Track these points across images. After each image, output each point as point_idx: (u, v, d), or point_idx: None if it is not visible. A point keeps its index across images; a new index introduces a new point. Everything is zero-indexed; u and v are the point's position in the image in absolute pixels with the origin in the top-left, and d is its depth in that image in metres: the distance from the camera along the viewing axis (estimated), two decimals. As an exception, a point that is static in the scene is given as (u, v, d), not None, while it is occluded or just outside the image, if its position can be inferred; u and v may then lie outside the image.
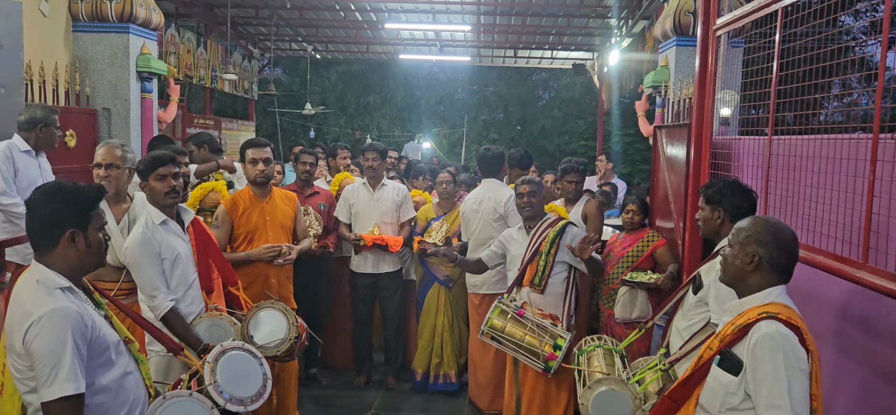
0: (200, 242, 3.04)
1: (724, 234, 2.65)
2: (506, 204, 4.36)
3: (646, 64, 8.42)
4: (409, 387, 4.91)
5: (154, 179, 2.85)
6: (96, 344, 1.88)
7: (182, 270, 2.88)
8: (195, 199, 3.92)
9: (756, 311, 1.92)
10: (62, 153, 4.96)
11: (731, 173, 3.85)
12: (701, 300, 2.64)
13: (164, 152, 2.94)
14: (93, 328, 1.87)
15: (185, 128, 9.11)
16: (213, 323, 2.93)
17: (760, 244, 1.96)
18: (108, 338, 1.95)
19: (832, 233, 2.70)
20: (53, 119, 3.89)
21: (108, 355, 1.93)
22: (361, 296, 4.83)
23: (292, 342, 2.99)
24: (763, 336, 1.85)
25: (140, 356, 2.13)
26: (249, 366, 2.44)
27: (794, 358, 1.82)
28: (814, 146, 2.85)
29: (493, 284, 4.29)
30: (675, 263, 4.19)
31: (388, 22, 10.67)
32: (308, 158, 4.75)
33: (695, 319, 2.66)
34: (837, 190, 2.69)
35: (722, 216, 2.67)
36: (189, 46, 9.09)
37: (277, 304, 3.06)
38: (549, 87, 20.35)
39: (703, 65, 3.80)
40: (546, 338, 3.25)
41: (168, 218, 2.89)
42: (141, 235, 2.78)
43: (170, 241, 2.86)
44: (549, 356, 3.20)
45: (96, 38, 5.67)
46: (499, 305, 3.44)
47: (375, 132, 18.87)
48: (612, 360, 2.88)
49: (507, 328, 3.34)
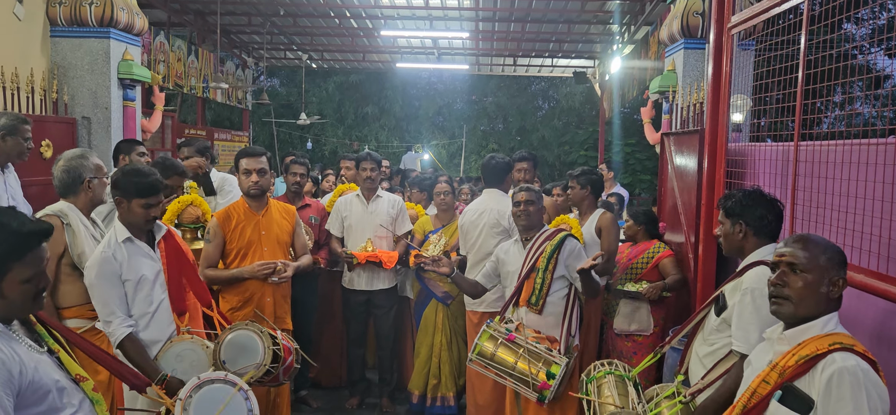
0: (172, 260, 2.78)
1: (748, 250, 2.39)
2: (510, 217, 4.08)
3: (649, 71, 8.20)
4: (405, 409, 4.69)
5: (138, 204, 2.60)
6: (30, 391, 1.62)
7: (147, 293, 2.63)
8: (173, 213, 3.65)
9: (825, 340, 1.67)
10: (38, 164, 4.71)
11: (745, 183, 3.61)
12: (725, 322, 2.38)
13: (158, 180, 2.68)
14: (22, 375, 1.60)
15: (175, 139, 8.86)
16: (184, 348, 2.68)
17: (841, 267, 1.75)
18: (48, 380, 1.68)
19: (866, 246, 2.45)
20: (21, 128, 3.61)
21: (49, 400, 1.67)
22: (355, 314, 4.61)
23: (269, 368, 2.72)
24: (841, 371, 1.60)
25: (95, 396, 1.86)
26: (231, 399, 2.19)
27: (878, 398, 1.59)
28: (844, 152, 2.60)
29: (493, 301, 4.01)
30: (676, 276, 3.98)
31: (385, 29, 10.48)
32: (299, 169, 4.56)
33: (718, 343, 2.39)
34: (871, 199, 2.44)
35: (744, 230, 2.40)
36: (179, 55, 8.86)
37: (252, 326, 2.80)
38: (548, 96, 20.16)
39: (717, 66, 3.56)
40: (539, 365, 2.99)
41: (133, 236, 2.64)
42: (100, 255, 2.54)
43: (134, 261, 2.61)
44: (541, 386, 2.93)
45: (75, 43, 5.42)
46: (487, 330, 3.18)
47: (374, 143, 18.69)
48: (625, 389, 2.60)
49: (498, 354, 3.08)
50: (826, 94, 2.68)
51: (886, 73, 5.20)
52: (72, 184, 3.05)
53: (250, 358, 2.68)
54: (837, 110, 2.67)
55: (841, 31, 2.65)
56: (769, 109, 3.25)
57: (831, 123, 2.74)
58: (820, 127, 2.82)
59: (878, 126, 2.61)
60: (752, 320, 2.20)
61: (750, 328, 2.21)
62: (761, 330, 2.08)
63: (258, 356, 2.69)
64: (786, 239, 1.89)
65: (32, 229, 1.63)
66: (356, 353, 4.74)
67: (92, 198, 3.07)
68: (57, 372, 1.74)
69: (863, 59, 2.51)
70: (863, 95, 2.80)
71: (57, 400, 1.70)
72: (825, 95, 2.69)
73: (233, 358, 2.67)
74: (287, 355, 2.86)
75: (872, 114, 2.77)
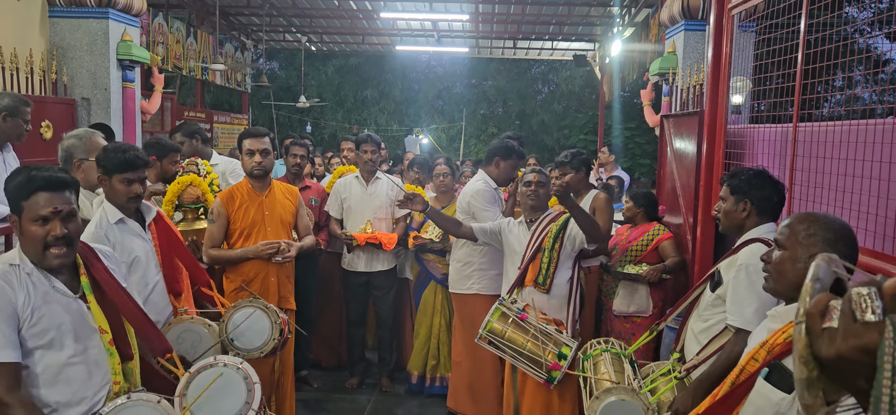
0: (164, 241, 2.76)
1: (747, 228, 2.41)
2: (471, 199, 4.00)
3: (650, 54, 8.17)
4: (405, 389, 4.73)
5: (119, 180, 2.58)
6: (34, 323, 1.87)
7: (141, 274, 2.62)
8: (173, 194, 3.65)
9: None
10: (38, 145, 4.72)
11: (745, 164, 3.62)
12: (719, 297, 2.40)
13: (138, 155, 2.64)
14: (26, 306, 1.86)
15: (175, 121, 8.84)
16: (184, 329, 2.67)
17: (828, 243, 1.70)
18: (57, 321, 1.90)
19: (865, 226, 2.46)
20: (21, 109, 3.61)
21: (50, 337, 1.91)
22: (354, 295, 4.64)
23: (276, 342, 2.76)
24: None
25: (110, 349, 2.02)
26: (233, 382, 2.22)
27: None
28: (843, 132, 2.61)
29: (476, 284, 4.01)
30: (675, 258, 4.00)
31: (384, 11, 10.41)
32: (299, 150, 4.56)
33: (712, 319, 2.42)
34: (870, 179, 2.45)
35: (748, 209, 2.41)
36: (178, 36, 8.81)
37: (257, 301, 2.83)
38: (548, 80, 20.08)
39: (717, 48, 3.56)
40: (550, 346, 2.99)
41: (125, 216, 2.63)
42: (92, 235, 2.49)
43: (126, 242, 2.59)
44: (552, 366, 2.94)
45: (74, 23, 5.39)
46: (500, 307, 3.17)
47: (373, 126, 18.63)
48: (621, 366, 2.63)
49: (508, 333, 3.07)
50: (825, 75, 2.68)
51: (886, 58, 5.20)
52: (65, 164, 3.07)
53: (257, 334, 2.71)
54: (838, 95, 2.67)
55: (839, 12, 2.64)
56: (768, 90, 3.26)
57: (831, 106, 2.74)
58: (820, 109, 2.83)
59: (878, 108, 2.63)
60: (746, 295, 2.22)
61: (744, 303, 2.23)
62: (756, 305, 2.10)
63: (265, 332, 2.71)
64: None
65: (31, 176, 1.94)
66: (356, 333, 4.77)
67: (83, 179, 3.02)
68: (70, 318, 1.94)
69: (863, 42, 2.51)
70: (862, 78, 2.80)
71: (58, 341, 1.91)
72: (822, 76, 2.69)
73: (240, 335, 2.70)
74: (283, 326, 2.91)
75: (872, 97, 2.78)
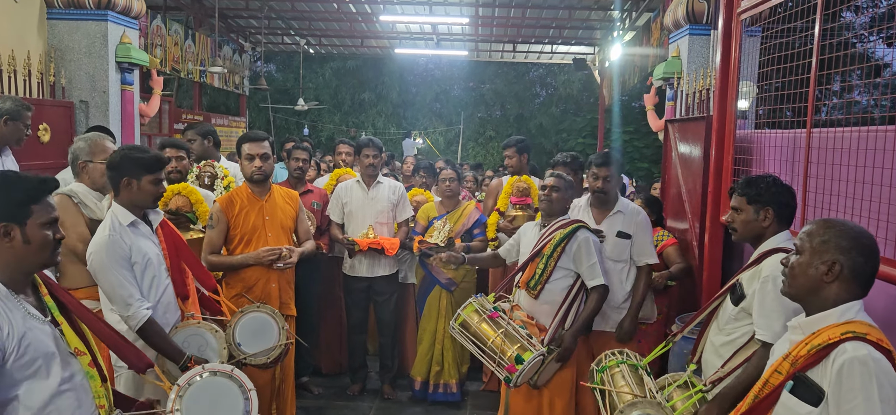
0: (171, 245, 2.73)
1: (768, 237, 2.37)
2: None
3: (651, 58, 8.15)
4: (408, 396, 4.67)
5: (149, 181, 2.55)
6: (21, 354, 1.70)
7: (154, 276, 2.59)
8: (161, 202, 3.59)
9: (838, 329, 1.63)
10: (35, 148, 4.65)
11: (752, 170, 3.59)
12: (743, 311, 2.36)
13: (161, 154, 2.69)
14: (11, 337, 1.68)
15: (173, 123, 8.78)
16: (191, 333, 2.65)
17: (841, 251, 1.67)
18: (42, 348, 1.75)
19: (878, 233, 2.43)
20: (23, 114, 3.57)
21: (37, 366, 1.74)
22: (355, 301, 4.58)
23: (282, 348, 2.74)
24: (852, 361, 1.56)
25: (90, 371, 1.90)
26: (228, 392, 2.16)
27: (891, 388, 1.54)
28: (857, 139, 2.58)
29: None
30: (680, 264, 3.96)
31: (383, 14, 10.37)
32: (301, 155, 4.52)
33: (736, 333, 2.37)
34: (880, 186, 2.42)
35: (770, 218, 2.37)
36: (176, 39, 8.76)
37: (264, 307, 2.80)
38: (546, 83, 20.05)
39: (725, 52, 3.53)
40: (514, 348, 2.94)
41: (137, 219, 2.59)
42: (107, 237, 2.46)
43: (140, 244, 2.55)
44: (509, 367, 2.90)
45: (73, 25, 5.34)
46: (472, 303, 3.16)
47: (371, 129, 18.57)
48: (640, 378, 2.56)
49: (479, 327, 3.06)
50: (825, 81, 2.65)
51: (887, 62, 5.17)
52: (73, 165, 3.04)
53: (264, 340, 2.69)
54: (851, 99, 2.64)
55: (842, 20, 2.61)
56: (777, 95, 3.22)
57: (840, 111, 2.71)
58: (829, 114, 2.80)
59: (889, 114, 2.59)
60: (774, 307, 2.18)
61: (773, 316, 2.19)
62: (785, 317, 2.06)
63: (272, 338, 2.69)
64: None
65: (40, 179, 1.83)
66: (357, 340, 4.71)
67: (89, 181, 3.01)
68: (52, 343, 1.79)
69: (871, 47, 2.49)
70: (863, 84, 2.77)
71: (44, 369, 1.76)
72: (828, 83, 2.66)
73: (247, 340, 2.68)
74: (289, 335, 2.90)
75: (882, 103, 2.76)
